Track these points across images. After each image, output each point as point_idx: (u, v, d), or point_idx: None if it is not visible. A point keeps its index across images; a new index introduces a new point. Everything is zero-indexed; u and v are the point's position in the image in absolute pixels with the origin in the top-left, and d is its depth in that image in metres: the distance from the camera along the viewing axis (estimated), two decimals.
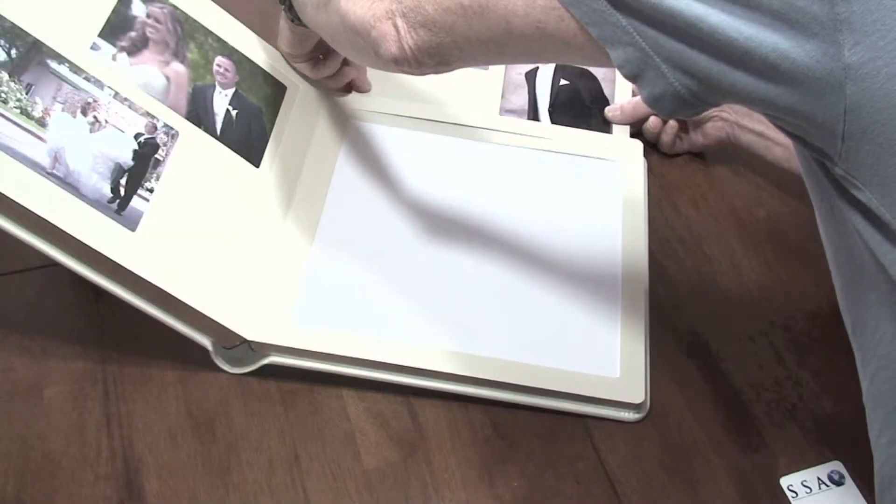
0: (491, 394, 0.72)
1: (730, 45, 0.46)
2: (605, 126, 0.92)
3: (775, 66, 0.46)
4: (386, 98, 0.91)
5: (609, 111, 0.92)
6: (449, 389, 0.72)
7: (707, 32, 0.47)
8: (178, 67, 0.79)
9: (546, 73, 0.94)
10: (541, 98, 0.92)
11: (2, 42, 0.68)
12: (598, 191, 0.85)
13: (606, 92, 0.94)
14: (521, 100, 0.93)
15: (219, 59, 0.82)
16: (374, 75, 0.90)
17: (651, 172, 0.89)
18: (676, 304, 0.80)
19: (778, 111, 0.49)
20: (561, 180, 0.86)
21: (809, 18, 0.44)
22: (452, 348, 0.73)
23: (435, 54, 0.61)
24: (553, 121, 0.91)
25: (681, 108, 0.52)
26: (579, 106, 0.93)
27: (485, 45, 0.58)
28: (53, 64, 0.70)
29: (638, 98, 0.90)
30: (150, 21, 0.79)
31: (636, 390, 0.72)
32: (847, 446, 0.71)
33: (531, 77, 0.94)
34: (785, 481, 0.70)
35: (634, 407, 0.72)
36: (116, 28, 0.76)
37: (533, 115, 0.91)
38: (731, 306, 0.81)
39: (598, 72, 0.95)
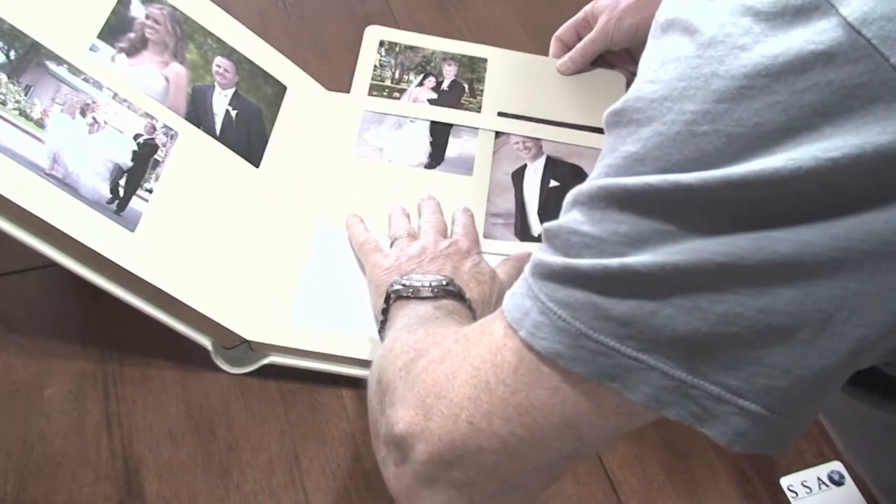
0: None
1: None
2: None
3: None
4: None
5: (560, 65, 0.93)
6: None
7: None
8: (177, 68, 0.79)
9: (534, 174, 0.86)
10: (529, 201, 0.84)
11: (0, 44, 0.68)
12: None
13: None
14: (508, 203, 0.84)
15: (218, 60, 0.82)
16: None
17: None
18: None
19: None
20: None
21: None
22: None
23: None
24: (543, 223, 0.83)
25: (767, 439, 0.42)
26: None
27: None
28: (52, 65, 0.70)
29: (582, 43, 0.92)
30: (149, 22, 0.79)
31: None
32: None
33: (518, 178, 0.86)
34: (785, 481, 0.70)
35: None
36: (115, 29, 0.76)
37: (521, 219, 0.83)
38: None
39: (591, 172, 0.89)
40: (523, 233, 0.82)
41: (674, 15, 0.43)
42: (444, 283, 0.66)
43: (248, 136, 0.81)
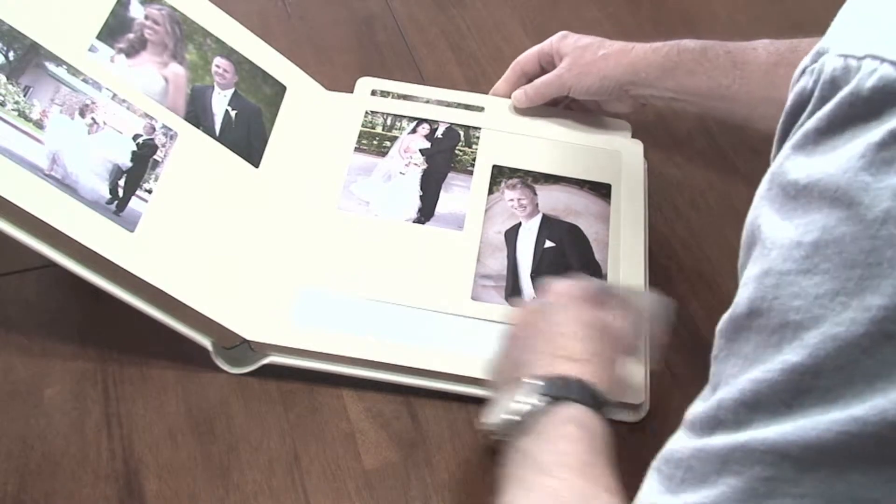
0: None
1: None
2: None
3: None
4: (388, 101, 0.91)
5: (514, 98, 0.89)
6: (449, 389, 0.72)
7: None
8: (176, 69, 0.79)
9: (529, 233, 0.81)
10: (522, 262, 0.79)
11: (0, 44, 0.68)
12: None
13: (598, 256, 0.80)
14: (499, 264, 0.79)
15: (217, 60, 0.82)
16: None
17: (651, 172, 0.89)
18: (676, 303, 0.80)
19: None
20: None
21: None
22: (452, 348, 0.73)
23: None
24: (536, 287, 0.77)
25: None
26: (566, 271, 0.78)
27: None
28: (51, 66, 0.70)
29: (540, 82, 0.87)
30: (148, 22, 0.79)
31: (636, 391, 0.72)
32: None
33: (511, 237, 0.81)
34: None
35: (634, 407, 0.72)
36: (114, 30, 0.76)
37: (512, 282, 0.78)
38: None
39: (589, 232, 0.81)
40: (514, 297, 0.77)
41: (810, 178, 0.34)
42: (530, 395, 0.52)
43: (247, 137, 0.81)
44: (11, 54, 0.68)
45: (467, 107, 0.91)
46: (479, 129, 0.89)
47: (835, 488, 0.33)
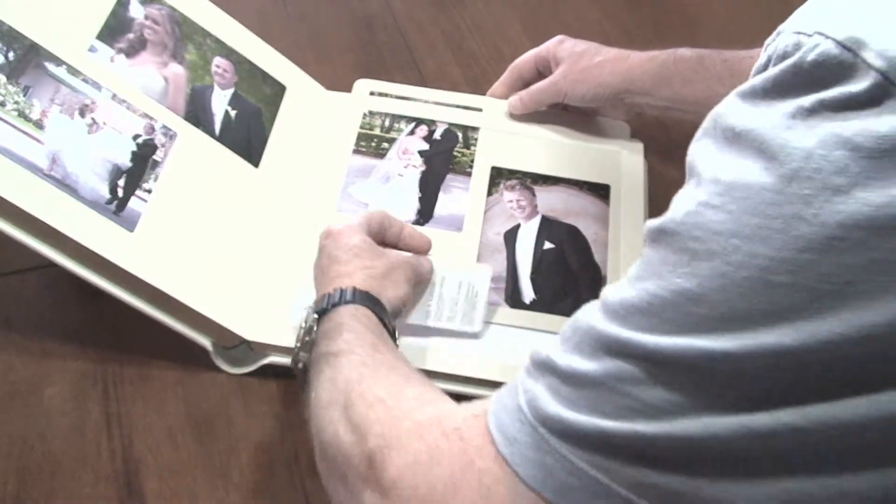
0: (491, 393, 0.72)
1: None
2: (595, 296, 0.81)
3: None
4: (389, 101, 0.91)
5: (510, 104, 0.89)
6: (449, 389, 0.72)
7: None
8: (176, 68, 0.79)
9: (528, 234, 0.81)
10: (521, 264, 0.79)
11: None
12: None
13: (597, 258, 0.79)
14: (499, 266, 0.78)
15: (217, 60, 0.82)
16: None
17: (651, 173, 0.89)
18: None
19: None
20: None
21: None
22: (451, 350, 0.73)
23: None
24: (535, 289, 0.77)
25: None
26: (565, 272, 0.78)
27: None
28: (51, 66, 0.70)
29: (536, 88, 0.87)
30: (148, 22, 0.79)
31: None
32: None
33: (510, 239, 0.80)
34: None
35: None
36: (114, 30, 0.76)
37: (512, 283, 0.77)
38: None
39: (589, 233, 0.81)
40: (514, 299, 0.76)
41: (744, 126, 0.37)
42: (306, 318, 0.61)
43: (247, 136, 0.81)
44: (11, 54, 0.68)
45: (465, 108, 0.91)
46: (478, 129, 0.88)
47: (675, 403, 0.37)
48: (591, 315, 0.41)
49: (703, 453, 0.36)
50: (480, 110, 0.91)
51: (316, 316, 0.62)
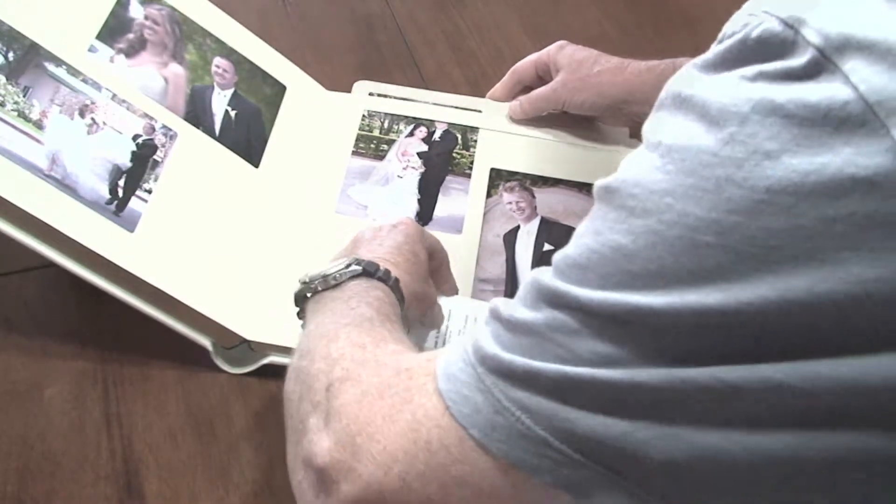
0: None
1: None
2: None
3: None
4: (389, 100, 0.91)
5: (510, 110, 0.89)
6: None
7: None
8: (176, 69, 0.79)
9: (527, 236, 0.81)
10: (521, 266, 0.79)
11: None
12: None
13: None
14: (498, 268, 0.78)
15: (217, 60, 0.82)
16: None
17: None
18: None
19: None
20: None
21: None
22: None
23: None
24: None
25: None
26: None
27: None
28: (51, 66, 0.70)
29: (535, 94, 0.88)
30: (147, 23, 0.79)
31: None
32: None
33: (510, 240, 0.80)
34: None
35: None
36: (114, 30, 0.76)
37: (511, 286, 0.78)
38: None
39: None
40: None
41: (690, 91, 0.38)
42: (354, 265, 0.59)
43: (247, 137, 0.81)
44: (11, 55, 0.68)
45: (465, 110, 0.91)
46: (477, 130, 0.88)
47: (603, 354, 0.38)
48: (541, 271, 0.43)
49: (625, 397, 0.37)
50: (480, 112, 0.90)
51: (360, 269, 0.59)
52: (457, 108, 0.91)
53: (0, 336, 0.74)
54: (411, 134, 0.88)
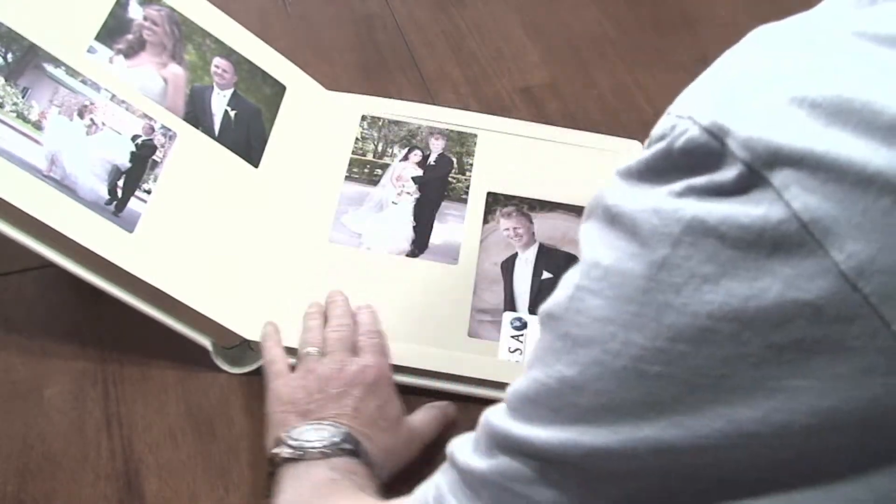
0: (491, 393, 0.72)
1: None
2: None
3: None
4: (389, 101, 0.91)
5: None
6: (450, 389, 0.72)
7: None
8: (175, 69, 0.79)
9: (525, 264, 0.79)
10: (519, 294, 0.76)
11: None
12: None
13: None
14: (496, 298, 0.76)
15: (217, 60, 0.82)
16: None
17: None
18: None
19: None
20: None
21: None
22: (451, 348, 0.73)
23: None
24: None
25: None
26: None
27: None
28: (50, 67, 0.70)
29: None
30: (147, 23, 0.79)
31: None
32: None
33: (508, 269, 0.78)
34: None
35: None
36: (113, 31, 0.76)
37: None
38: None
39: None
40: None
41: (620, 208, 0.35)
42: (339, 440, 0.60)
43: (247, 137, 0.81)
44: (10, 56, 0.68)
45: (460, 134, 0.88)
46: (473, 154, 0.86)
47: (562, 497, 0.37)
48: (493, 411, 0.41)
49: None
50: (475, 135, 0.88)
51: (349, 448, 0.61)
52: (451, 131, 0.88)
53: (0, 336, 0.74)
54: (405, 158, 0.86)
